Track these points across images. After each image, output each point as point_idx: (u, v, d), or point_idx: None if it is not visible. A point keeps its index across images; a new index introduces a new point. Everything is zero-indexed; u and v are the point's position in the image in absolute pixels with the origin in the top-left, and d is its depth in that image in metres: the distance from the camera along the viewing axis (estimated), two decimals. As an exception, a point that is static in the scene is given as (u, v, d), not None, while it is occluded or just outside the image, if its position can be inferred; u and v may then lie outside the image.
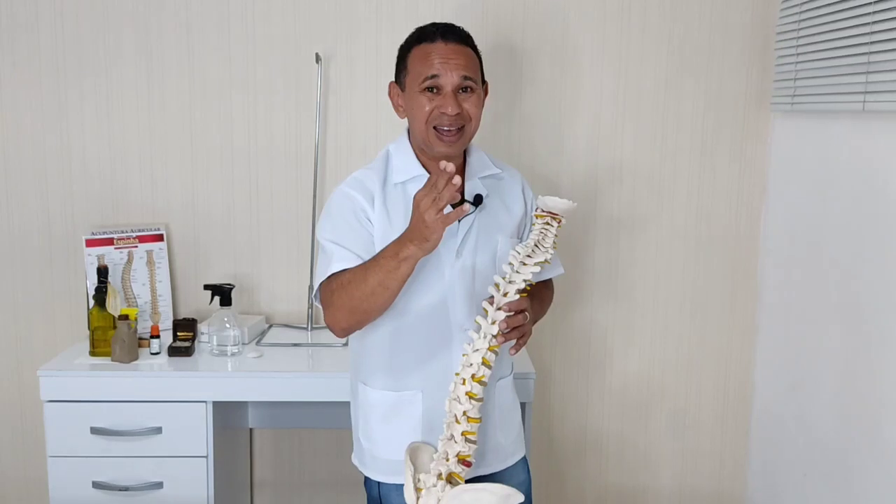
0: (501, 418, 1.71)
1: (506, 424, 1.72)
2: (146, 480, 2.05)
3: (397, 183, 1.65)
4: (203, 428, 2.05)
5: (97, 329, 2.14)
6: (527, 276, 1.48)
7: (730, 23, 2.40)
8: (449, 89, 1.57)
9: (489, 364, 1.44)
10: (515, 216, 1.73)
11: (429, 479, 1.44)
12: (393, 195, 1.63)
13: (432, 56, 1.58)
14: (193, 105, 2.41)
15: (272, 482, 2.61)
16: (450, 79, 1.57)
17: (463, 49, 1.60)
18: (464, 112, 1.58)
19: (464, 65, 1.58)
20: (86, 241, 2.31)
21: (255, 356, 2.16)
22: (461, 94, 1.59)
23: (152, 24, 2.37)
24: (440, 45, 1.59)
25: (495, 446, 1.70)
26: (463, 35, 1.63)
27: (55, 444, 2.04)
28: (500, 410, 1.71)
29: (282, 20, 2.37)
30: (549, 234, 1.54)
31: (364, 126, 2.42)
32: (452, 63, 1.58)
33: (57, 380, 2.04)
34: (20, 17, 2.35)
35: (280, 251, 2.47)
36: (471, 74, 1.59)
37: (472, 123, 1.61)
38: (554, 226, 1.55)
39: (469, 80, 1.59)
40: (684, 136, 2.45)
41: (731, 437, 2.59)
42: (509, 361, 1.76)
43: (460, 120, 1.58)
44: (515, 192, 1.75)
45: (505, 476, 1.72)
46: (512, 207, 1.73)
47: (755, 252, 2.50)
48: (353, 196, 1.62)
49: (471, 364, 1.44)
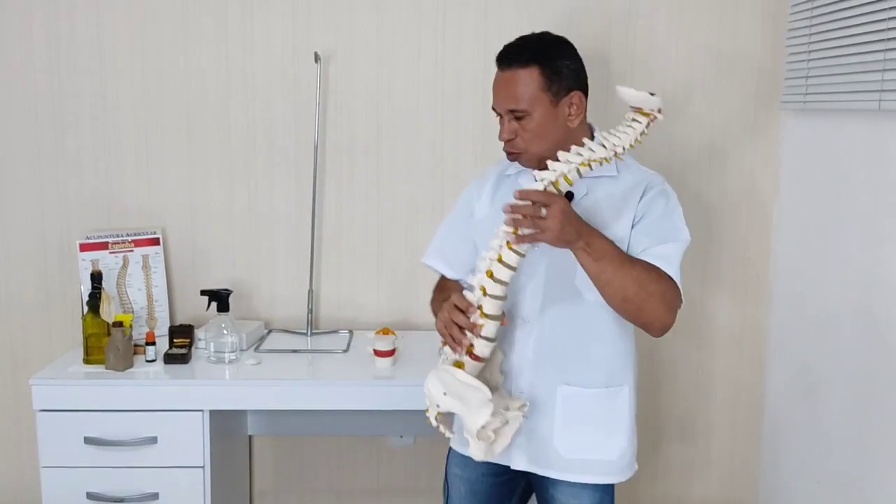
0: (564, 427, 1.66)
1: (572, 435, 1.67)
2: (142, 491, 2.01)
3: (510, 174, 1.75)
4: (200, 437, 2.00)
5: (91, 336, 2.09)
6: (563, 168, 1.43)
7: (740, 19, 2.35)
8: (504, 116, 1.64)
9: (503, 262, 1.46)
10: (623, 223, 1.61)
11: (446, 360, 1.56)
12: (504, 185, 1.74)
13: (494, 84, 1.67)
14: (190, 106, 2.36)
15: (273, 491, 2.57)
16: (501, 108, 1.64)
17: (513, 75, 1.61)
18: (515, 140, 1.63)
19: (510, 95, 1.61)
20: (80, 245, 2.27)
21: (254, 363, 2.12)
22: (514, 122, 1.63)
23: (147, 24, 2.32)
24: (497, 74, 1.66)
25: (545, 448, 1.68)
26: (517, 56, 1.62)
27: (48, 455, 2.00)
28: (564, 419, 1.66)
29: (280, 19, 2.33)
30: (626, 132, 1.47)
31: (365, 126, 2.37)
32: (501, 94, 1.64)
33: (50, 388, 1.99)
34: (13, 18, 2.30)
35: (279, 254, 2.42)
36: (515, 105, 1.61)
37: (527, 149, 1.63)
38: (642, 122, 1.47)
39: (516, 111, 1.61)
40: (694, 135, 2.40)
41: (742, 443, 2.54)
42: (615, 372, 1.68)
43: (512, 146, 1.65)
44: (632, 198, 1.62)
45: (560, 487, 1.69)
46: (620, 215, 1.62)
47: (767, 253, 2.45)
48: (471, 186, 1.82)
49: (488, 258, 1.48)
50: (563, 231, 1.44)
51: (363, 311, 2.45)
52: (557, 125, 1.63)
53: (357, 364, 2.14)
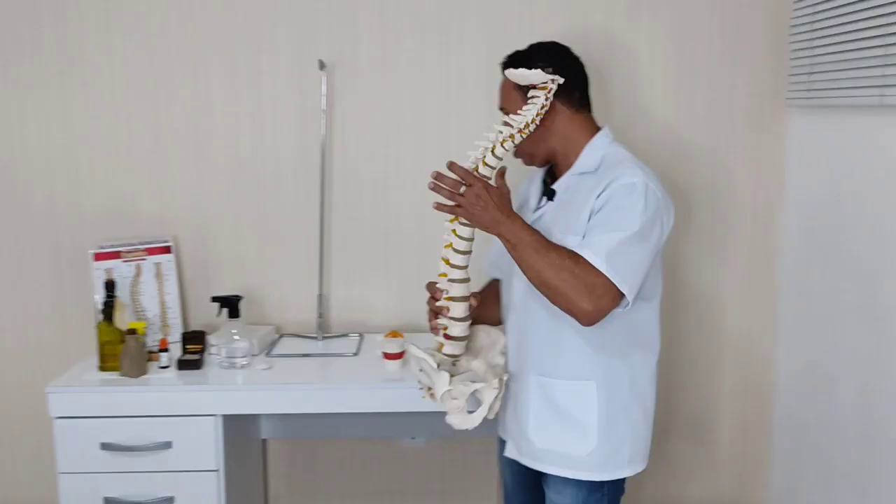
0: (537, 417, 1.71)
1: (542, 426, 1.72)
2: (157, 495, 2.03)
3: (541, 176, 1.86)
4: (213, 442, 2.03)
5: (106, 344, 2.13)
6: (479, 153, 1.60)
7: (743, 15, 2.35)
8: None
9: (453, 247, 1.63)
10: (583, 217, 1.62)
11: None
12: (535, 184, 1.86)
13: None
14: (199, 116, 2.39)
15: (287, 493, 2.59)
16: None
17: (503, 81, 1.76)
18: None
19: (500, 94, 1.78)
20: (93, 254, 2.30)
21: (265, 368, 2.14)
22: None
23: (156, 35, 2.35)
24: None
25: (523, 437, 1.75)
26: (506, 62, 1.75)
27: (66, 461, 2.03)
28: (537, 409, 1.71)
29: (285, 28, 2.35)
30: (528, 109, 1.63)
31: (370, 132, 2.40)
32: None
33: (66, 396, 2.02)
34: (25, 31, 2.35)
35: (289, 260, 2.45)
36: (500, 103, 1.77)
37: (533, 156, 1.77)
38: (540, 96, 1.63)
39: (502, 109, 1.76)
40: (699, 132, 2.41)
41: (753, 441, 2.54)
42: (583, 367, 1.69)
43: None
44: (595, 191, 1.62)
45: (547, 480, 1.75)
46: (582, 208, 1.63)
47: (774, 249, 2.46)
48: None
49: (444, 246, 1.65)
50: (475, 214, 1.57)
51: (373, 314, 2.47)
52: (563, 131, 1.72)
53: (367, 367, 2.16)
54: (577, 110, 1.73)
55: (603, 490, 1.72)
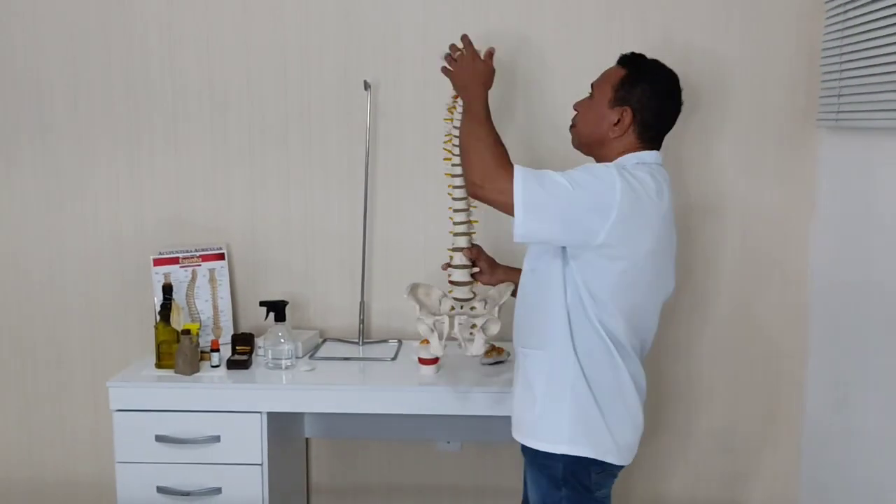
0: (523, 389, 1.82)
1: (524, 397, 1.81)
2: (206, 486, 2.16)
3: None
4: (258, 437, 2.15)
5: (162, 343, 2.28)
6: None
7: (774, 38, 2.40)
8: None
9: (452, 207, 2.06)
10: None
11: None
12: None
13: None
14: (252, 135, 2.54)
15: (328, 488, 2.71)
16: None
17: (611, 66, 1.85)
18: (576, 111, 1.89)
19: (599, 75, 1.86)
20: (153, 260, 2.46)
21: (308, 369, 2.26)
22: (587, 98, 1.86)
23: (215, 55, 2.50)
24: None
25: (512, 411, 1.87)
26: (624, 56, 1.84)
27: (123, 451, 2.16)
28: (523, 381, 1.81)
29: (333, 50, 2.48)
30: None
31: (412, 149, 2.51)
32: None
33: (125, 390, 2.17)
34: (94, 50, 2.52)
35: (333, 268, 2.57)
36: (594, 80, 1.86)
37: (575, 122, 1.88)
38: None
39: (592, 87, 1.85)
40: (729, 153, 2.46)
41: (782, 456, 2.56)
42: (540, 337, 1.77)
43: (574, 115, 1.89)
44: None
45: (525, 452, 1.83)
46: None
47: (804, 267, 2.49)
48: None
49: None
50: (456, 73, 1.92)
51: (411, 321, 2.57)
52: (599, 122, 1.79)
53: (404, 371, 2.27)
54: (638, 136, 1.77)
55: (557, 469, 1.73)
